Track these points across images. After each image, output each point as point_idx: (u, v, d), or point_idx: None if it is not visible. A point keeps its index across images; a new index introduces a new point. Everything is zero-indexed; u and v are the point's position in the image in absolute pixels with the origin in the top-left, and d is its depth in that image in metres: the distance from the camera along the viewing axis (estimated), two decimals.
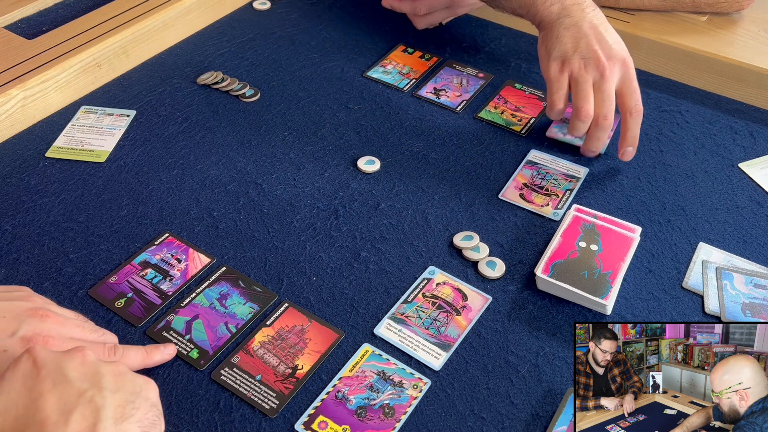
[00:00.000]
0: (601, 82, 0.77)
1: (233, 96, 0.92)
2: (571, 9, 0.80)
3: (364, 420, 0.58)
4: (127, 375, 0.50)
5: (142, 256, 0.71)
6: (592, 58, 0.77)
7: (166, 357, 0.61)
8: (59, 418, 0.44)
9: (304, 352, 0.63)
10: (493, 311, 0.67)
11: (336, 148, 0.85)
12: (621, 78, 0.78)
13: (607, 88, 0.77)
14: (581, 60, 0.78)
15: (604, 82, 0.77)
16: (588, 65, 0.77)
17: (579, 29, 0.79)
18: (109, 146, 0.84)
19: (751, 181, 0.81)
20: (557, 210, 0.77)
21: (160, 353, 0.61)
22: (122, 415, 0.46)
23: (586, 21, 0.79)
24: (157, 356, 0.61)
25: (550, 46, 0.80)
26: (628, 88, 0.78)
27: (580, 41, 0.78)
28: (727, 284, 0.69)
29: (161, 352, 0.61)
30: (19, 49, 0.90)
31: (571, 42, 0.78)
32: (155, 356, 0.61)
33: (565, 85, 0.80)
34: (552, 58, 0.80)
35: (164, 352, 0.61)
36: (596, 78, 0.77)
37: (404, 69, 0.97)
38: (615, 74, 0.77)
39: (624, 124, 0.79)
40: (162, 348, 0.61)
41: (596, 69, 0.77)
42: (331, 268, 0.71)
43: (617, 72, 0.78)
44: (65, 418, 0.44)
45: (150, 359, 0.60)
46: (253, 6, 1.09)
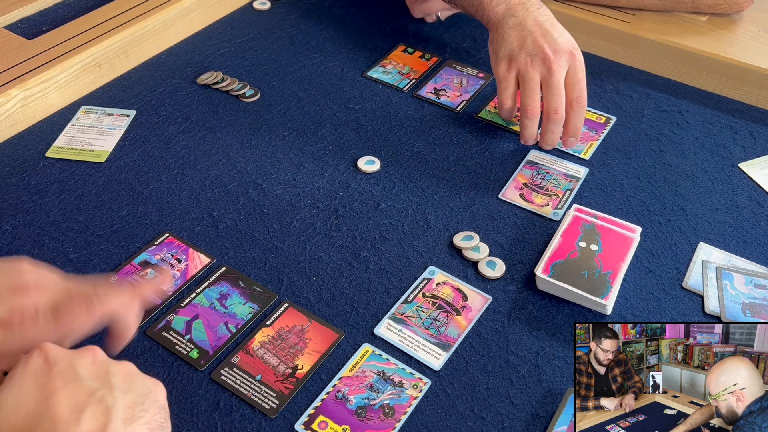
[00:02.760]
0: (549, 76, 0.77)
1: (233, 96, 0.92)
2: (516, 9, 0.81)
3: (364, 420, 0.58)
4: (136, 376, 0.50)
5: (142, 256, 0.71)
6: (538, 54, 0.78)
7: (159, 287, 0.57)
8: (71, 416, 0.44)
9: (304, 352, 0.63)
10: (493, 311, 0.67)
11: (336, 148, 0.85)
12: (567, 70, 0.78)
13: (555, 82, 0.77)
14: (527, 57, 0.78)
15: (552, 76, 0.77)
16: (534, 61, 0.78)
17: (524, 27, 0.79)
18: (109, 146, 0.84)
19: (751, 181, 0.81)
20: (557, 210, 0.77)
21: (149, 286, 0.58)
22: (132, 416, 0.46)
23: (530, 19, 0.80)
24: (147, 289, 0.58)
25: (497, 46, 0.81)
26: (572, 79, 0.78)
27: (525, 39, 0.79)
28: (727, 284, 0.69)
29: (151, 285, 0.57)
30: (19, 49, 0.90)
31: (517, 40, 0.79)
32: (144, 290, 0.57)
33: (512, 83, 0.81)
34: (499, 58, 0.81)
35: (154, 283, 0.57)
36: (544, 73, 0.78)
37: (404, 69, 0.97)
38: (563, 67, 0.78)
39: (566, 115, 0.79)
40: (153, 281, 0.57)
41: (543, 64, 0.77)
42: (331, 268, 0.71)
43: (564, 65, 0.78)
44: (77, 417, 0.44)
45: (140, 294, 0.57)
46: (253, 6, 1.09)
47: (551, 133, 0.80)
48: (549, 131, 0.80)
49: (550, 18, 0.81)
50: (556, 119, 0.79)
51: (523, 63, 0.78)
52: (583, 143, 0.86)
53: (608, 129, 0.88)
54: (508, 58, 0.80)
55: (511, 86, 0.81)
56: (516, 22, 0.80)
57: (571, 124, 0.80)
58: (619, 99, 0.93)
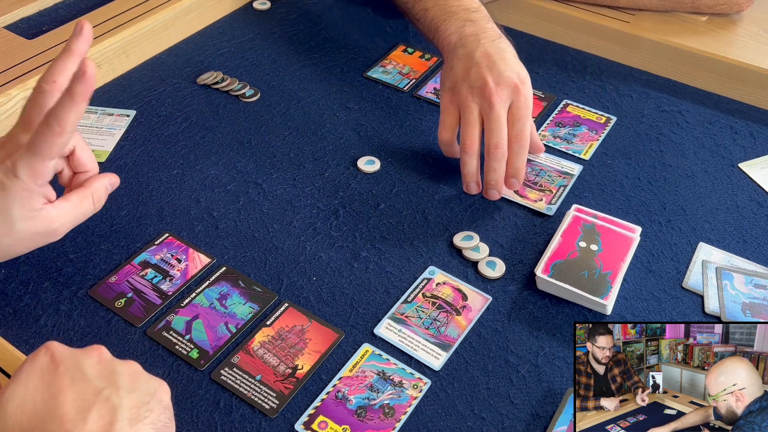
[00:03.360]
0: (489, 109, 0.73)
1: (233, 96, 0.92)
2: (468, 39, 0.78)
3: (364, 420, 0.58)
4: (142, 375, 0.50)
5: (142, 256, 0.71)
6: (478, 87, 0.74)
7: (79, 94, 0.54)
8: (77, 415, 0.44)
9: (304, 352, 0.63)
10: (493, 311, 0.67)
11: (336, 148, 0.85)
12: (510, 105, 0.74)
13: (495, 116, 0.73)
14: (469, 88, 0.74)
15: (491, 110, 0.73)
16: (474, 93, 0.74)
17: (471, 58, 0.76)
18: (109, 146, 0.84)
19: (751, 181, 0.81)
20: (550, 205, 0.77)
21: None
22: (137, 416, 0.46)
23: (479, 50, 0.76)
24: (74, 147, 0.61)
25: (443, 77, 0.80)
26: (513, 115, 0.74)
27: (470, 70, 0.75)
28: (727, 284, 0.69)
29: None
30: (19, 49, 0.90)
31: (462, 71, 0.76)
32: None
33: (452, 115, 0.77)
34: (444, 89, 0.78)
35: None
36: (483, 106, 0.74)
37: (404, 69, 0.97)
38: (504, 100, 0.73)
39: (507, 153, 0.74)
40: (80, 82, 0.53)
41: (482, 96, 0.73)
42: (331, 268, 0.71)
43: (507, 98, 0.73)
44: (83, 416, 0.44)
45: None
46: (253, 6, 1.09)
47: (493, 171, 0.74)
48: (490, 169, 0.74)
49: (502, 51, 0.77)
50: (496, 155, 0.73)
51: (464, 94, 0.75)
52: (584, 143, 0.86)
53: (608, 129, 0.88)
54: (451, 89, 0.77)
55: (448, 118, 0.77)
56: (465, 52, 0.77)
57: (510, 163, 0.74)
58: (619, 99, 0.93)
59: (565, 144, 0.85)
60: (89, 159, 0.64)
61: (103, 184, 0.63)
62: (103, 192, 0.63)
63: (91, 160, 0.64)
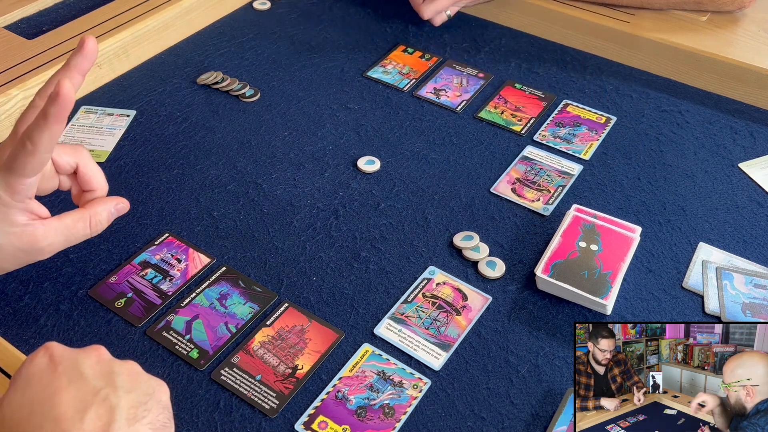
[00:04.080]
0: None
1: (233, 96, 0.92)
2: None
3: (364, 420, 0.58)
4: (141, 375, 0.50)
5: (142, 256, 0.71)
6: None
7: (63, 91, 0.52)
8: (75, 415, 0.44)
9: (304, 352, 0.63)
10: (493, 311, 0.67)
11: (336, 148, 0.85)
12: None
13: None
14: None
15: None
16: None
17: None
18: (109, 146, 0.84)
19: (751, 181, 0.81)
20: (547, 205, 0.77)
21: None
22: (135, 416, 0.46)
23: None
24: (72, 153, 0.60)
25: None
26: None
27: None
28: (727, 284, 0.69)
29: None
30: (19, 49, 0.90)
31: None
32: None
33: None
34: None
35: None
36: None
37: (404, 69, 0.97)
38: None
39: None
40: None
41: None
42: (331, 268, 0.71)
43: None
44: (81, 416, 0.44)
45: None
46: (253, 6, 1.09)
47: None
48: None
49: None
50: None
51: None
52: (584, 143, 0.86)
53: (608, 129, 0.88)
54: None
55: None
56: None
57: None
58: (619, 99, 0.93)
59: (565, 144, 0.85)
60: (95, 177, 0.61)
61: (107, 208, 0.61)
62: (104, 216, 0.61)
63: (98, 178, 0.62)
